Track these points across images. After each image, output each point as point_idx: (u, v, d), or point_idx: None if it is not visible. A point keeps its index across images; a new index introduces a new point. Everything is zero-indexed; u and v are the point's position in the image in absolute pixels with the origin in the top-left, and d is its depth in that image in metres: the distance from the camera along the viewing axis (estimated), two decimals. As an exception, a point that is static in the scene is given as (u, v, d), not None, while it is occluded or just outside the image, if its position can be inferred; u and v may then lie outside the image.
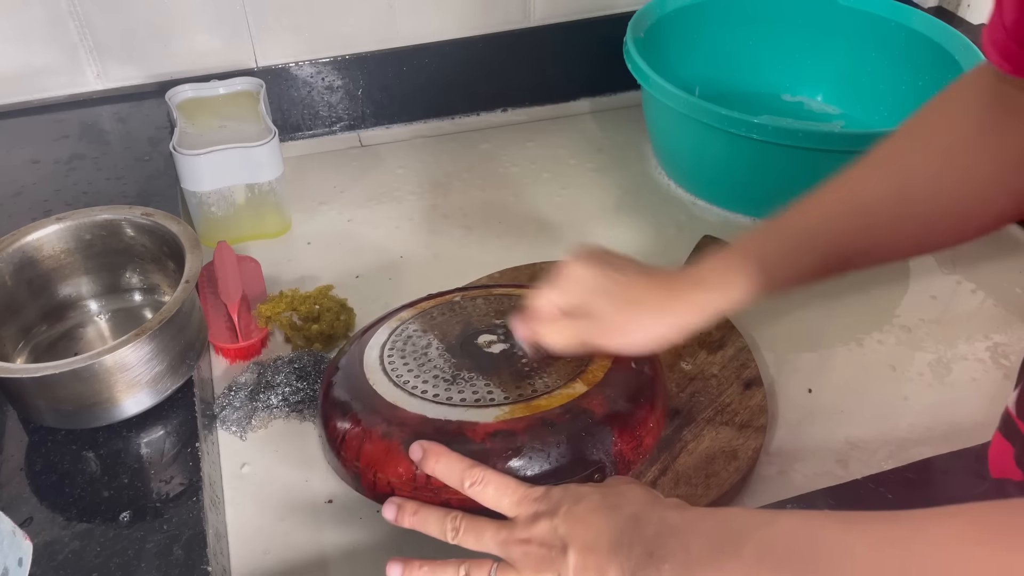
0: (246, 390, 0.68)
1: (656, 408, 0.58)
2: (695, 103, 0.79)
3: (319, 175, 0.96)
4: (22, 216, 0.76)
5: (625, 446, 0.55)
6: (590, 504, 0.47)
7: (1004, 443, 0.52)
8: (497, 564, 0.48)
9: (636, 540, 0.44)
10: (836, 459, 0.65)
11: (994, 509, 0.36)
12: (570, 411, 0.55)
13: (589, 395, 0.56)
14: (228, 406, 0.67)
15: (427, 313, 0.66)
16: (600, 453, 0.54)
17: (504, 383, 0.57)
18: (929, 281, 0.81)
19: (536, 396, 0.56)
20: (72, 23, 0.87)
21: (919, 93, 0.92)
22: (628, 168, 0.97)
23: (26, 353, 0.66)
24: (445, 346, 0.61)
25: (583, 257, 0.56)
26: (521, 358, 0.59)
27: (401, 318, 0.65)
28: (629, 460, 0.55)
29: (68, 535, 0.53)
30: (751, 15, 1.00)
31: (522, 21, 1.01)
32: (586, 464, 0.53)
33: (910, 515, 0.38)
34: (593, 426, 0.54)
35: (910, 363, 0.73)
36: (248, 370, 0.70)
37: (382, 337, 0.63)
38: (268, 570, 0.58)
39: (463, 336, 0.62)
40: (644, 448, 0.57)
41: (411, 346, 0.61)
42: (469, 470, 0.50)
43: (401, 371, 0.59)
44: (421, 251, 0.85)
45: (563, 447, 0.53)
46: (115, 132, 0.89)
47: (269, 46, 0.94)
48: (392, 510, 0.52)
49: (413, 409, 0.55)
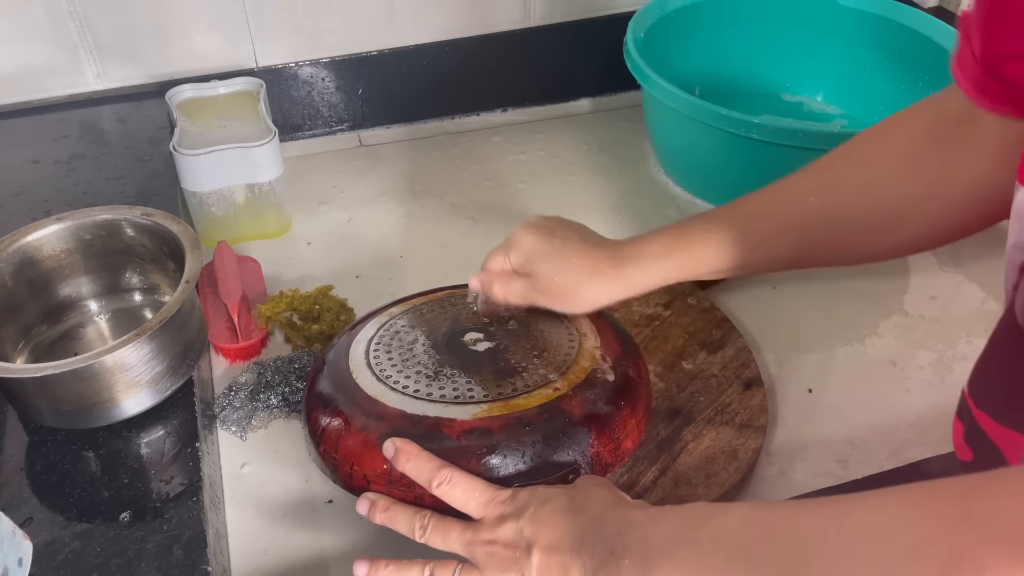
0: (246, 390, 0.68)
1: (637, 411, 0.58)
2: (695, 103, 0.79)
3: (319, 175, 0.96)
4: (22, 216, 0.76)
5: (602, 448, 0.55)
6: (556, 506, 0.48)
7: (957, 423, 0.53)
8: (462, 565, 0.49)
9: (598, 539, 0.45)
10: (836, 459, 0.65)
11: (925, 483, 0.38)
12: (548, 411, 0.55)
13: (569, 396, 0.56)
14: (228, 406, 0.67)
15: (417, 309, 0.66)
16: (576, 454, 0.54)
17: (486, 381, 0.57)
18: (929, 281, 0.81)
19: (516, 395, 0.56)
20: (72, 23, 0.87)
21: (919, 93, 0.91)
22: (628, 168, 0.97)
23: (26, 353, 0.66)
24: (431, 343, 0.61)
25: (532, 224, 0.62)
26: (505, 357, 0.59)
27: (391, 313, 0.66)
28: (607, 462, 0.55)
29: (68, 535, 0.53)
30: (751, 15, 1.00)
31: (522, 21, 1.01)
32: (561, 465, 0.53)
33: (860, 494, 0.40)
34: (570, 427, 0.54)
35: (910, 363, 0.73)
36: (248, 370, 0.70)
37: (370, 332, 0.63)
38: (268, 570, 0.58)
39: (450, 333, 0.62)
40: (623, 451, 0.56)
41: (398, 341, 0.62)
42: (438, 471, 0.51)
43: (385, 366, 0.59)
44: (421, 251, 0.85)
45: (538, 447, 0.53)
46: (115, 132, 0.89)
47: (269, 46, 0.94)
48: (365, 505, 0.53)
49: (393, 404, 0.55)
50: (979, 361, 0.50)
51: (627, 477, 0.60)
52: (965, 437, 0.52)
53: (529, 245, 0.61)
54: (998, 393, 0.49)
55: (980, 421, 0.50)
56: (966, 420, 0.51)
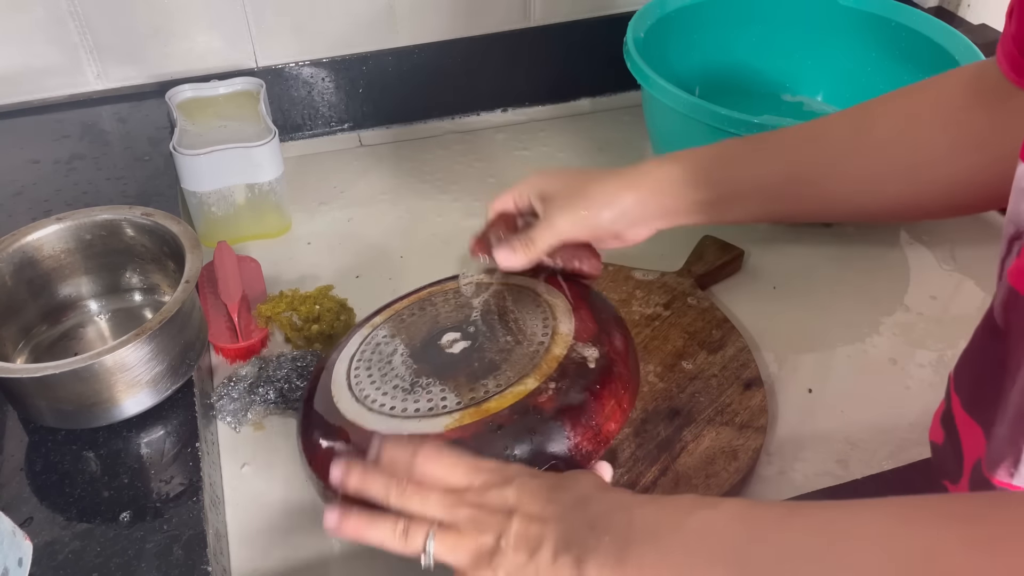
0: (245, 383, 0.68)
1: (616, 391, 0.56)
2: (695, 103, 0.79)
3: (319, 175, 0.96)
4: (22, 216, 0.76)
5: (581, 438, 0.53)
6: (544, 481, 0.48)
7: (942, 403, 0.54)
8: (437, 524, 0.47)
9: (581, 515, 0.45)
10: (836, 459, 0.65)
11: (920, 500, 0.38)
12: (519, 411, 0.53)
13: (539, 390, 0.54)
14: (226, 396, 0.67)
15: (398, 316, 0.66)
16: (553, 449, 0.53)
17: (459, 387, 0.56)
18: (929, 280, 0.81)
19: (487, 398, 0.55)
20: (72, 23, 0.87)
21: (919, 93, 0.92)
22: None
23: (26, 353, 0.66)
24: (409, 351, 0.61)
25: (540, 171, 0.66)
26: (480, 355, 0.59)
27: (373, 324, 0.65)
28: (589, 451, 0.54)
29: (68, 535, 0.53)
30: (751, 15, 1.00)
31: (522, 21, 1.01)
32: (540, 461, 0.52)
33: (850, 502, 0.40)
34: (543, 424, 0.53)
35: (911, 362, 0.73)
36: (250, 363, 0.70)
37: (352, 348, 0.63)
38: (268, 570, 0.58)
39: (427, 338, 0.62)
40: (605, 435, 0.55)
41: (378, 355, 0.62)
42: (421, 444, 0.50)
43: (364, 384, 0.59)
44: (421, 251, 0.85)
45: (512, 451, 0.52)
46: (115, 132, 0.89)
47: (269, 46, 0.94)
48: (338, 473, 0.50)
49: (370, 425, 0.55)
50: (966, 347, 0.51)
51: (627, 477, 0.60)
52: (942, 417, 0.53)
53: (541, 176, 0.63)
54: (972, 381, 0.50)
55: (954, 405, 0.50)
56: (947, 402, 0.52)
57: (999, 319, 0.45)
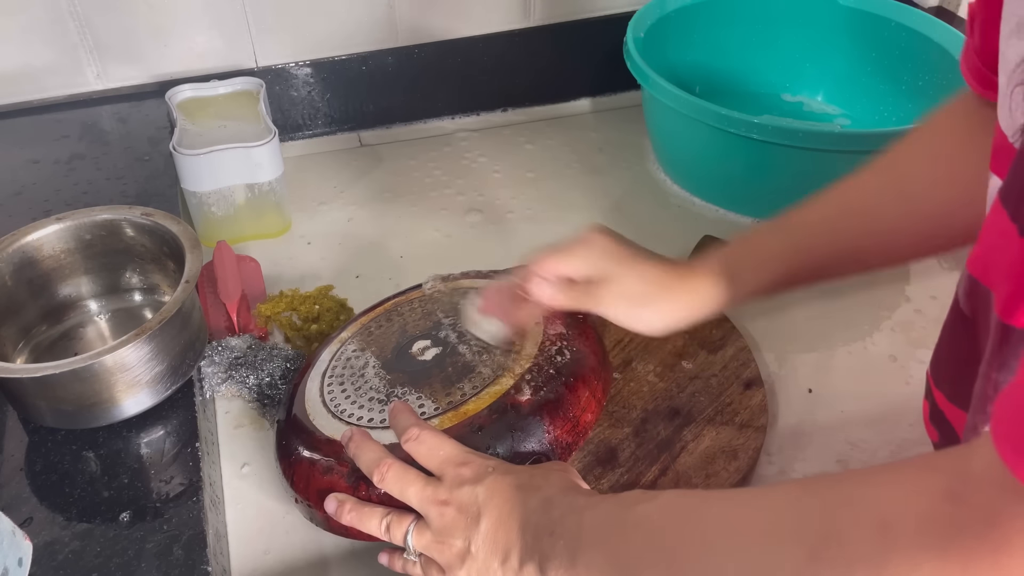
0: (230, 355, 0.68)
1: (590, 382, 0.57)
2: (695, 103, 0.79)
3: (319, 175, 0.96)
4: (22, 216, 0.75)
5: (560, 431, 0.54)
6: (515, 480, 0.49)
7: (925, 403, 0.54)
8: (417, 520, 0.50)
9: (543, 520, 0.46)
10: (836, 459, 0.65)
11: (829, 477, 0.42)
12: (497, 411, 0.54)
13: (516, 388, 0.55)
14: (207, 358, 0.67)
15: (365, 328, 0.66)
16: (534, 444, 0.53)
17: (435, 393, 0.57)
18: (929, 281, 0.81)
19: (464, 401, 0.55)
20: (72, 23, 0.87)
21: (919, 93, 0.92)
22: (628, 168, 0.97)
23: (26, 353, 0.66)
24: (381, 363, 0.61)
25: (600, 228, 0.57)
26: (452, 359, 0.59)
27: (341, 339, 0.66)
28: (569, 442, 0.55)
29: (68, 535, 0.53)
30: (751, 15, 1.00)
31: (522, 21, 1.01)
32: (522, 458, 0.53)
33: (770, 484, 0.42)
34: (521, 420, 0.54)
35: (911, 362, 0.73)
36: (242, 338, 0.69)
37: (323, 365, 0.63)
38: (268, 570, 0.58)
39: (398, 348, 0.62)
40: (583, 425, 0.55)
41: (349, 369, 0.62)
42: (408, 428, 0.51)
43: (339, 400, 0.59)
44: (421, 251, 0.85)
45: (494, 450, 0.52)
46: (115, 132, 0.89)
47: (269, 46, 0.94)
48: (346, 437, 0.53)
49: None
50: (938, 342, 0.51)
51: (627, 477, 0.60)
52: (930, 417, 0.53)
53: (603, 245, 0.56)
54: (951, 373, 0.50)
55: (939, 401, 0.51)
56: (930, 400, 0.52)
57: (964, 308, 0.46)
